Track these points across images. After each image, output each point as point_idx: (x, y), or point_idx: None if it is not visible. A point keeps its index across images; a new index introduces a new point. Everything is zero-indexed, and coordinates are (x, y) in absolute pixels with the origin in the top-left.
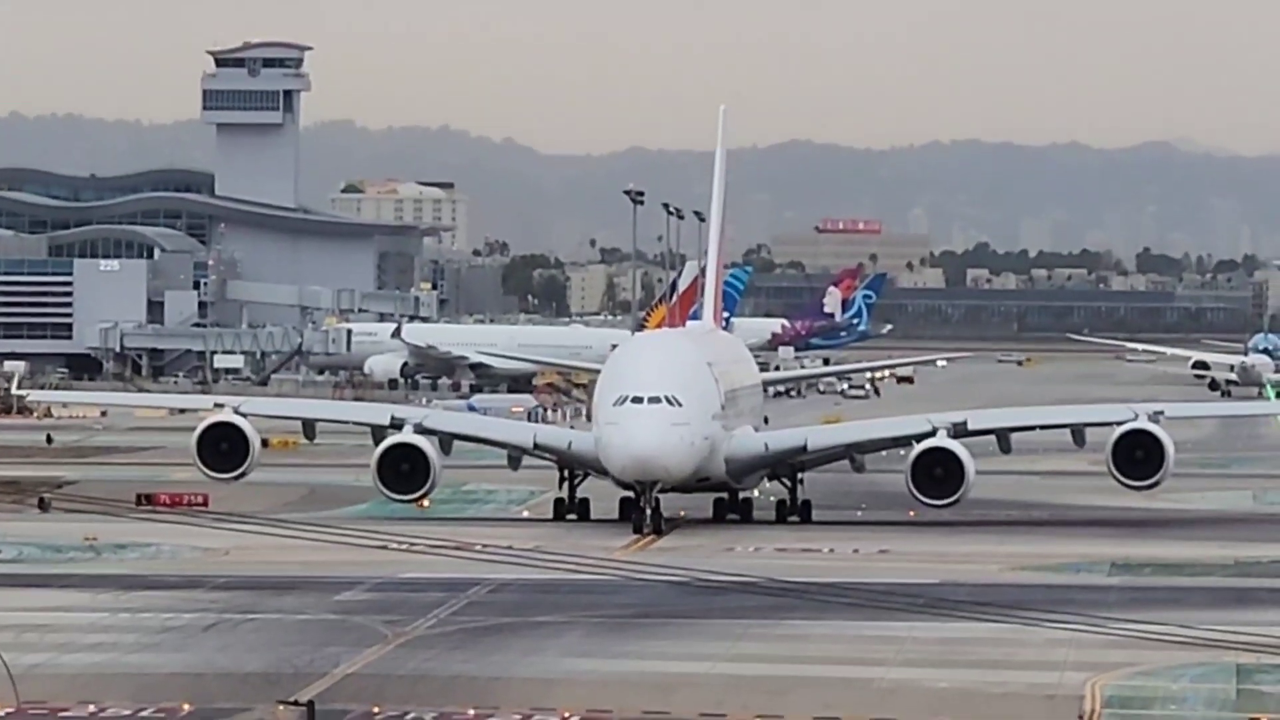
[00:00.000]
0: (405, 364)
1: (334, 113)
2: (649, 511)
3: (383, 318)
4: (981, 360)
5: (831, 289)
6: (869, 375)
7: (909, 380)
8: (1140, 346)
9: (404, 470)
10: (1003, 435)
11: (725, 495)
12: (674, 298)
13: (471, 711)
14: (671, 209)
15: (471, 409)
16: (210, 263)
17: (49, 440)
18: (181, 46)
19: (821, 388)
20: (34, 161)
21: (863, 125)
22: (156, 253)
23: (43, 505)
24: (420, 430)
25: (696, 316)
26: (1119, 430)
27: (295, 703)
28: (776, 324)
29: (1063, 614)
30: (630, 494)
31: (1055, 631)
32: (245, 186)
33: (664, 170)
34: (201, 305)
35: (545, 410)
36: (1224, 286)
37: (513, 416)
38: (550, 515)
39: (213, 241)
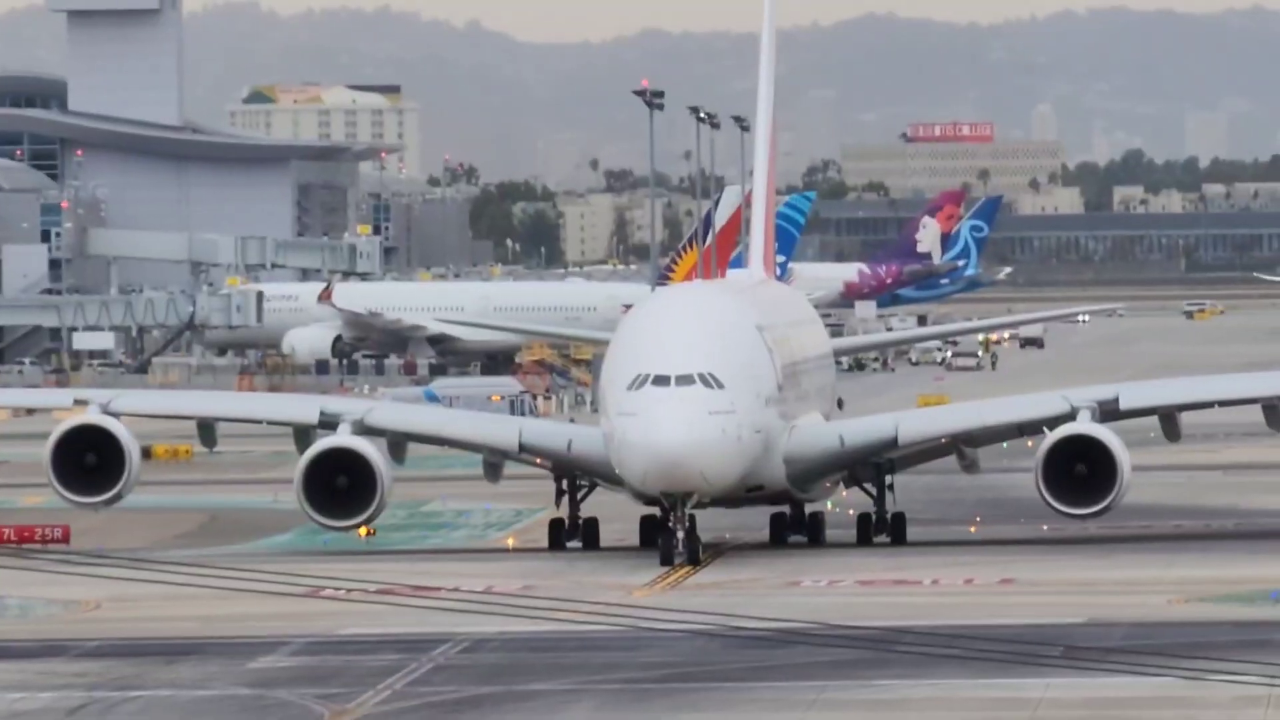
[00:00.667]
0: (338, 338)
1: None
2: (681, 535)
3: (306, 275)
4: (1137, 312)
5: (926, 219)
6: (982, 338)
7: (1037, 343)
8: None
9: (340, 486)
10: (1169, 416)
11: (786, 509)
12: (709, 237)
13: None
14: (702, 114)
15: (431, 398)
16: (64, 204)
17: None
18: None
19: (915, 357)
20: None
21: None
22: None
23: None
24: (362, 430)
25: (741, 263)
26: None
27: None
28: (852, 270)
29: (1257, 662)
30: (655, 511)
31: (1247, 687)
32: (110, 98)
33: (689, 61)
34: (54, 264)
35: (535, 398)
36: None
37: (490, 408)
38: (545, 543)
39: (67, 175)
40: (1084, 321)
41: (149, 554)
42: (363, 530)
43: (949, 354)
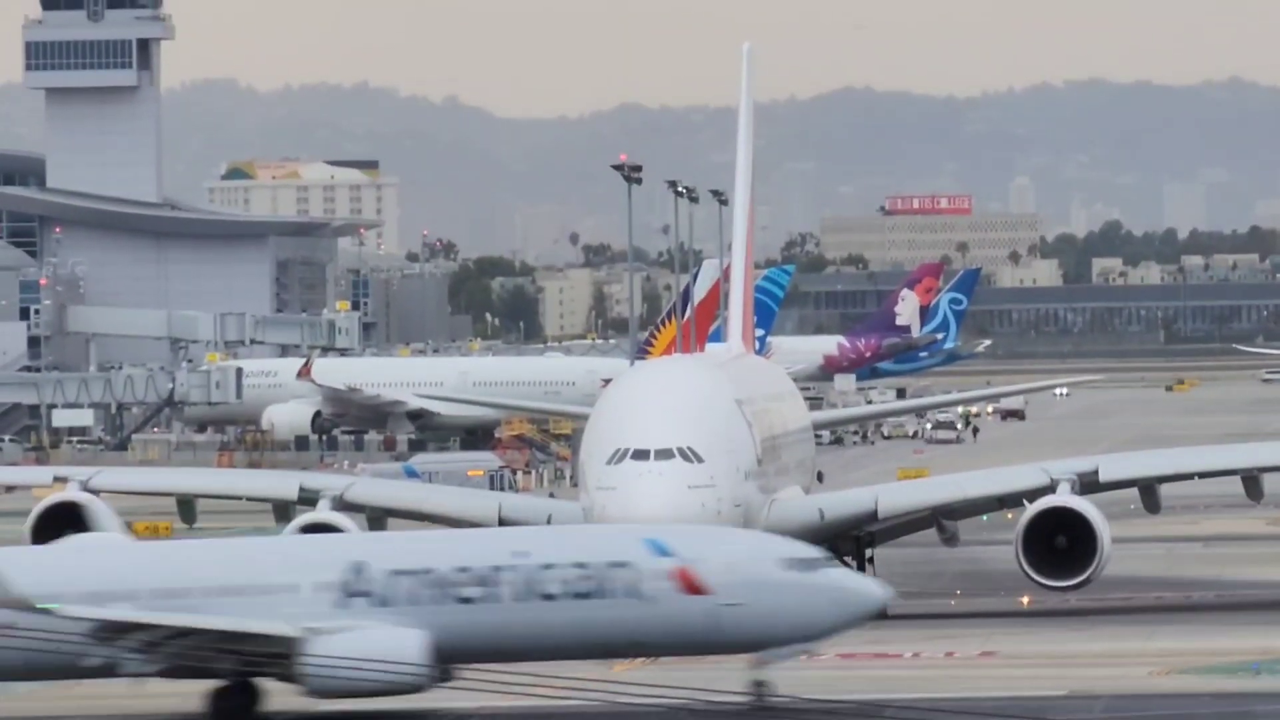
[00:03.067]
0: (318, 414)
1: (209, 69)
2: None
3: (285, 351)
4: (1116, 384)
5: (905, 292)
6: (961, 410)
7: (1018, 415)
8: None
9: None
10: (1149, 488)
11: None
12: (688, 311)
13: None
14: (680, 188)
15: (411, 474)
16: (43, 281)
17: None
18: None
19: (887, 430)
20: None
21: (942, 64)
22: None
23: None
24: (341, 506)
25: (720, 337)
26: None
27: None
28: (831, 343)
29: None
30: None
31: None
32: (88, 175)
33: (667, 135)
34: (33, 341)
35: (515, 473)
36: None
37: (469, 483)
38: None
39: (45, 252)
40: (1063, 395)
41: None
42: None
43: (929, 426)
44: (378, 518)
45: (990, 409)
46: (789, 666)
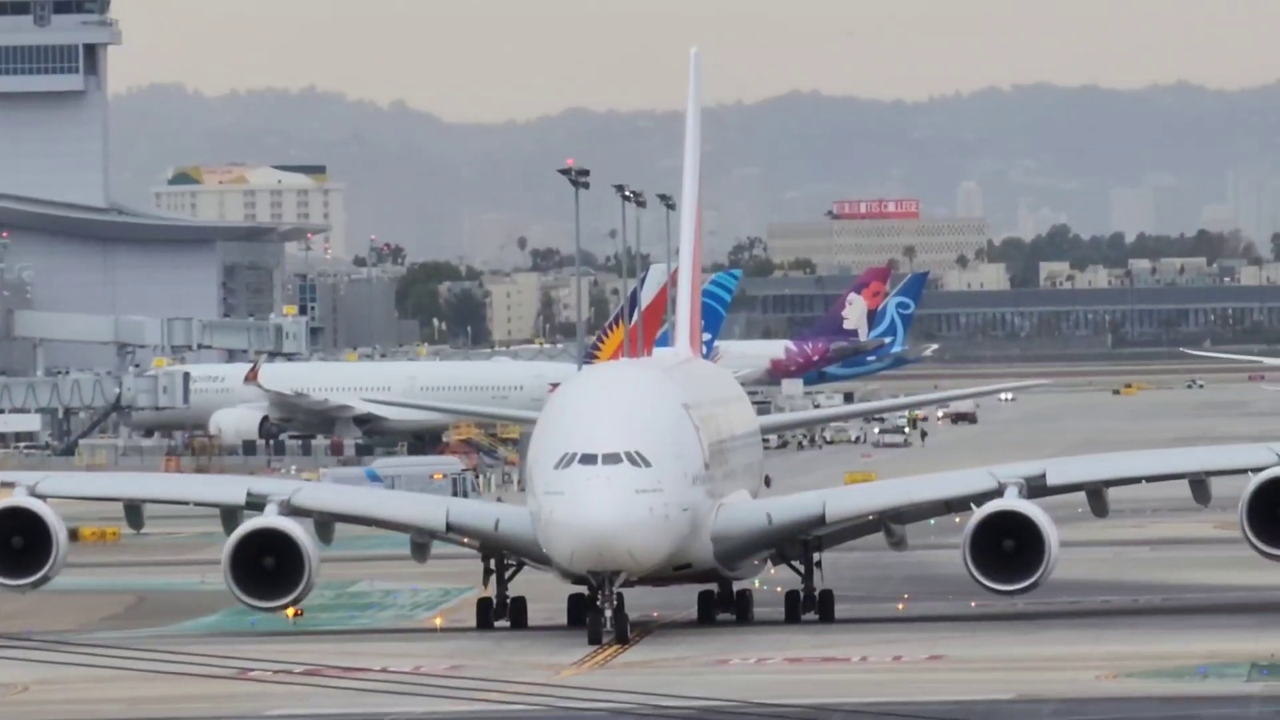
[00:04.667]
0: (265, 419)
1: (156, 74)
2: (609, 613)
3: (232, 356)
4: (1064, 388)
5: (853, 296)
6: (908, 414)
7: (969, 418)
8: None
9: (268, 566)
10: (1096, 492)
11: (715, 587)
12: (635, 316)
13: None
14: (628, 192)
15: (373, 478)
16: None
17: None
18: None
19: (829, 435)
20: None
21: (889, 69)
22: None
23: None
24: (289, 510)
25: (667, 341)
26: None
27: None
28: (778, 347)
29: None
30: (583, 590)
31: None
32: (35, 180)
33: (615, 140)
34: None
35: (478, 475)
36: None
37: (431, 486)
38: (473, 623)
39: None
40: (1008, 400)
41: (76, 636)
42: (290, 611)
43: (876, 431)
44: (325, 523)
45: (940, 413)
46: (737, 670)
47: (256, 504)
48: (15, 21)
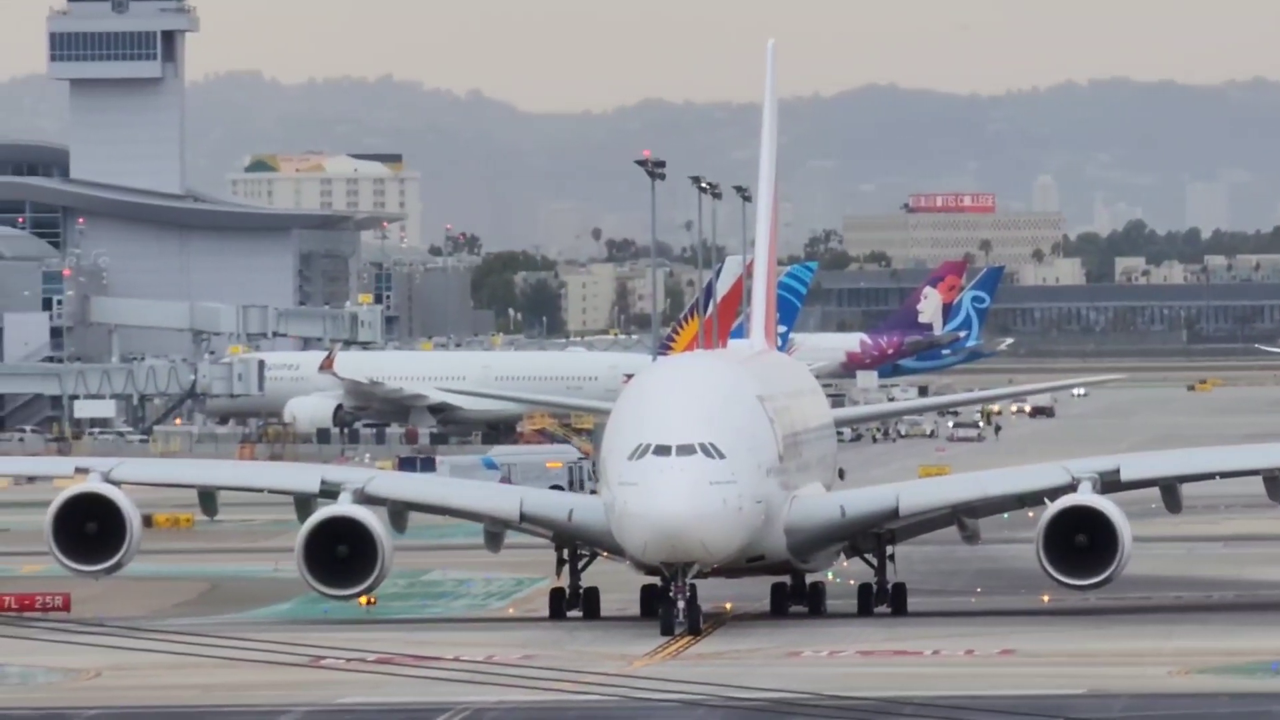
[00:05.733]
0: (339, 407)
1: (234, 62)
2: (681, 604)
3: (307, 344)
4: (1137, 384)
5: (928, 290)
6: (983, 408)
7: (1047, 412)
8: None
9: (341, 555)
10: (1170, 487)
11: (787, 579)
12: (710, 308)
13: None
14: (704, 184)
15: (490, 466)
16: (66, 272)
17: None
18: None
19: (904, 429)
20: None
21: (966, 63)
22: None
23: None
24: (363, 499)
25: (742, 333)
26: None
27: None
28: (853, 340)
29: None
30: (656, 581)
31: None
32: (112, 167)
33: (691, 131)
34: (55, 332)
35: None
36: None
37: (547, 475)
38: (546, 613)
39: (69, 243)
40: (1080, 395)
41: (149, 622)
42: (363, 599)
43: (950, 424)
44: (399, 511)
45: (1015, 407)
46: (809, 662)
47: (330, 492)
48: (95, 8)
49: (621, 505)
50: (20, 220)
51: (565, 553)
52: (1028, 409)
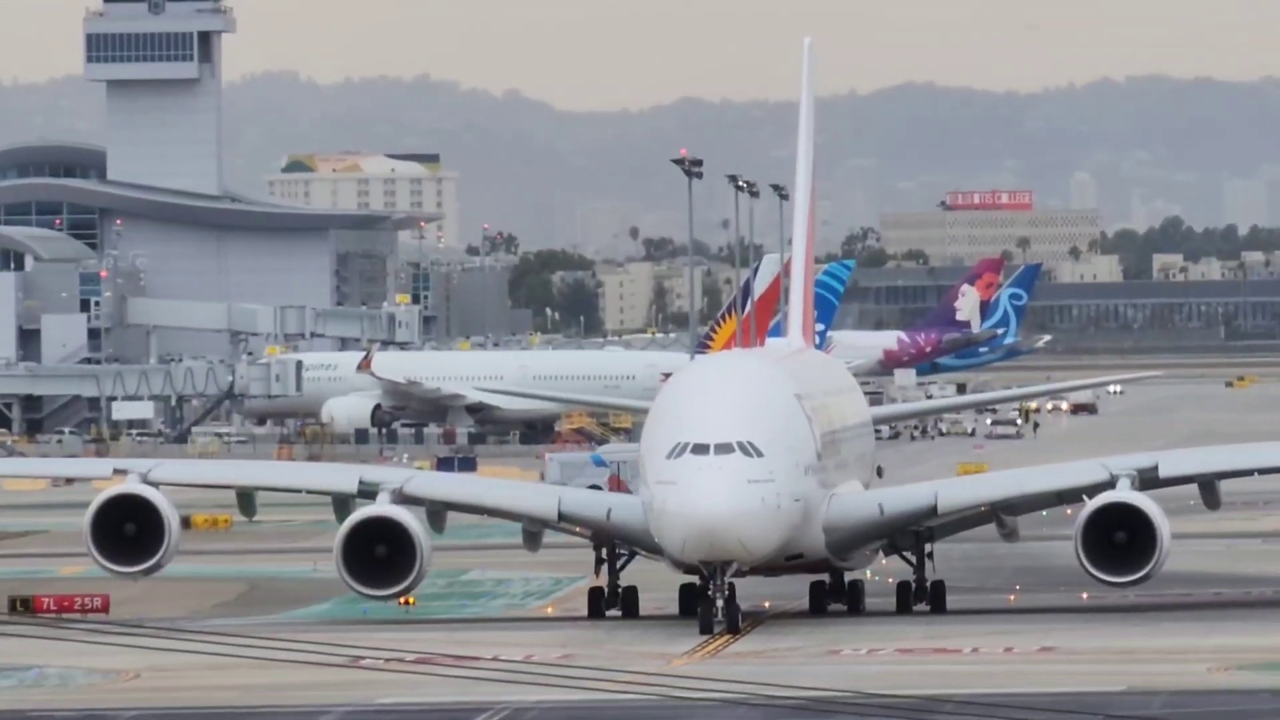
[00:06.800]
0: (377, 407)
1: (270, 62)
2: (720, 603)
3: (345, 344)
4: (1176, 380)
5: (966, 288)
6: (1021, 406)
7: (1089, 409)
8: None
9: (380, 555)
10: (1208, 484)
11: (826, 577)
12: (748, 306)
13: None
14: (741, 182)
15: (599, 463)
16: (103, 274)
17: None
18: None
19: (945, 427)
20: None
21: (1002, 60)
22: (29, 261)
23: None
24: (401, 499)
25: (779, 332)
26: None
27: None
28: (891, 338)
29: None
30: (694, 580)
31: None
32: (149, 167)
33: (727, 130)
34: (93, 333)
35: None
36: None
37: None
38: (584, 612)
39: (106, 244)
40: (1117, 392)
41: (188, 623)
42: (403, 599)
43: (989, 422)
44: (437, 511)
45: (1051, 405)
46: (848, 660)
47: (369, 492)
48: (131, 9)
49: (660, 504)
50: (58, 222)
51: (604, 552)
52: (1065, 406)
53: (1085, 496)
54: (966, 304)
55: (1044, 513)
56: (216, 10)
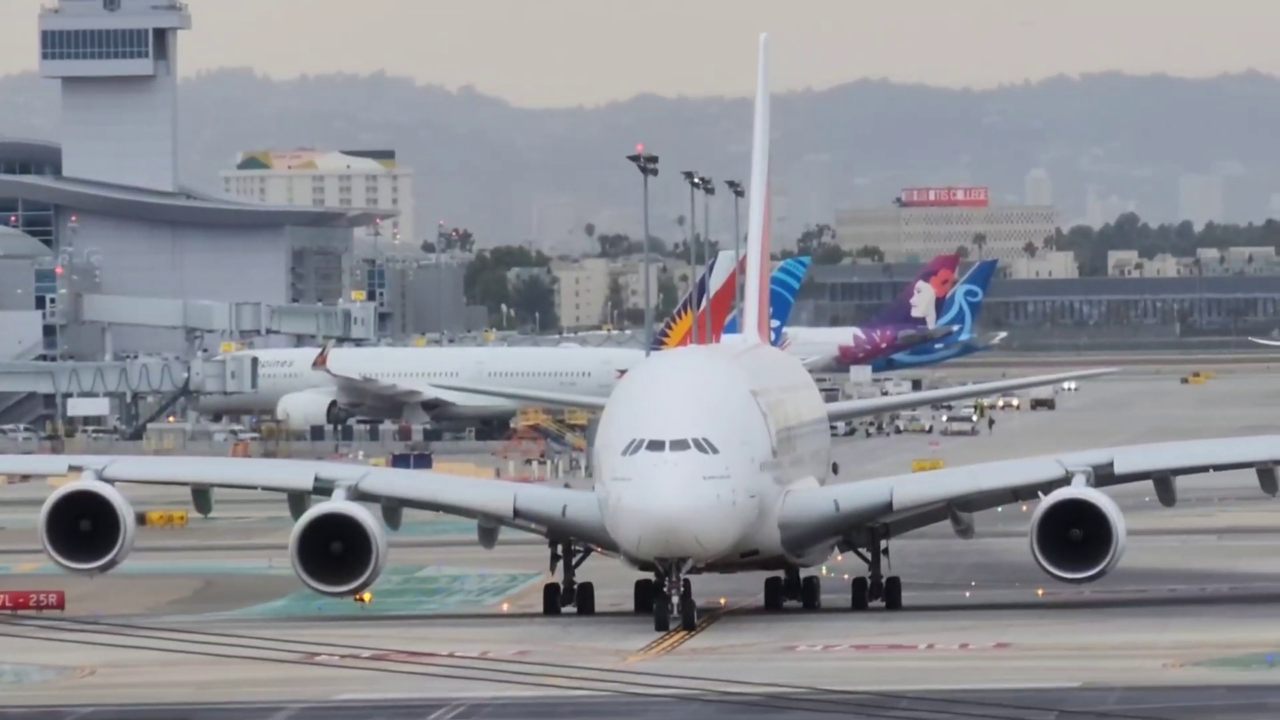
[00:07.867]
0: (333, 404)
1: (226, 59)
2: (676, 600)
3: (301, 341)
4: (1131, 377)
5: (921, 284)
6: (976, 402)
7: (1048, 404)
8: None
9: (335, 551)
10: (1163, 480)
11: (781, 574)
12: (703, 303)
13: None
14: (697, 179)
15: None
16: (59, 270)
17: None
18: None
19: (902, 424)
20: None
21: (958, 57)
22: None
23: None
24: (357, 495)
25: (735, 328)
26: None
27: None
28: (847, 334)
29: None
30: (650, 576)
31: None
32: (104, 164)
33: (684, 126)
34: (48, 330)
35: None
36: None
37: None
38: (540, 609)
39: (61, 241)
40: (1071, 389)
41: (144, 620)
42: (362, 595)
43: (944, 418)
44: (393, 508)
45: (1003, 402)
46: (803, 656)
47: (324, 489)
48: (86, 6)
49: (615, 501)
50: (13, 219)
51: (559, 548)
52: (1015, 404)
53: (1040, 493)
54: (922, 300)
55: (999, 509)
56: (172, 7)
